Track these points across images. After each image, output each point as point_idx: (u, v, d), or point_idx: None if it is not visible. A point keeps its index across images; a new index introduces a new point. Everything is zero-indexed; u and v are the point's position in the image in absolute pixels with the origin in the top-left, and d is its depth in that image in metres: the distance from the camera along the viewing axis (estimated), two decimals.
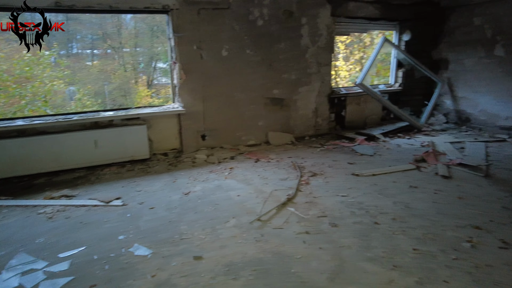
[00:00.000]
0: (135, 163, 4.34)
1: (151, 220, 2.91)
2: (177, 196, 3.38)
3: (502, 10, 5.31)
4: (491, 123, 5.67)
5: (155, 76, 11.09)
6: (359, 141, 5.12)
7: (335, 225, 2.73)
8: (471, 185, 3.56)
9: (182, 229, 2.74)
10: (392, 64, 6.45)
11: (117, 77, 9.09)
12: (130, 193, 3.48)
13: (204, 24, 4.47)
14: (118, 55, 9.94)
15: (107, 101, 8.19)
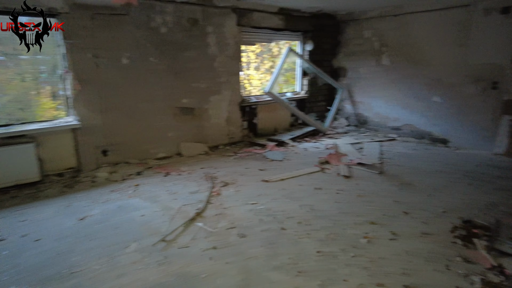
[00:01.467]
0: (21, 187, 3.72)
1: (36, 254, 2.48)
2: (70, 222, 2.97)
3: (385, 25, 6.02)
4: (384, 124, 6.37)
5: (60, 86, 9.95)
6: (270, 147, 5.25)
7: (244, 236, 2.68)
8: (368, 182, 3.88)
9: (73, 261, 2.39)
10: (297, 73, 6.80)
11: (13, 88, 7.87)
12: (11, 224, 2.95)
13: (100, 31, 4.09)
14: (13, 63, 8.67)
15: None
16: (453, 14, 5.11)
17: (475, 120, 5.11)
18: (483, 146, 5.03)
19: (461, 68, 5.13)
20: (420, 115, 5.80)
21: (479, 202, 3.30)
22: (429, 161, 4.66)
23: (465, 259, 2.34)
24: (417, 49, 5.64)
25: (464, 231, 2.70)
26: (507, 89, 4.72)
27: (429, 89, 5.59)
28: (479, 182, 3.86)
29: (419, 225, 2.87)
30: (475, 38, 4.93)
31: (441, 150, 5.27)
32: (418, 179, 3.95)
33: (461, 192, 3.56)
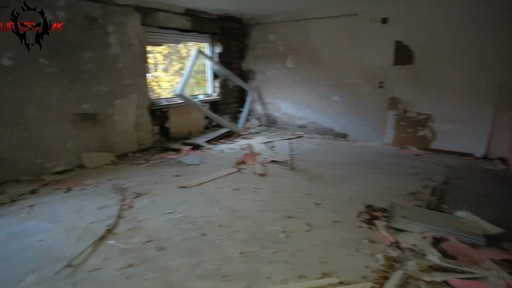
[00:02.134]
0: None
1: None
2: None
3: (288, 30, 6.40)
4: (291, 123, 6.77)
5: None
6: (185, 152, 5.10)
7: (162, 248, 2.54)
8: (282, 178, 4.06)
9: None
10: (208, 75, 6.76)
11: None
12: None
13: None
14: None
15: None
16: (346, 22, 5.70)
17: (368, 115, 5.80)
18: (376, 138, 5.74)
19: (356, 70, 5.77)
20: (322, 113, 6.33)
21: (376, 187, 3.75)
22: (333, 155, 5.12)
23: (370, 240, 2.63)
24: (317, 53, 6.14)
25: (367, 215, 3.04)
26: (390, 88, 5.47)
27: (329, 89, 6.14)
28: (375, 169, 4.38)
29: (330, 214, 3.11)
30: (364, 43, 5.59)
31: (342, 143, 5.85)
32: (324, 172, 4.30)
33: (361, 180, 4.00)
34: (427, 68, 5.09)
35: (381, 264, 2.31)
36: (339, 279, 2.14)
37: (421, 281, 2.12)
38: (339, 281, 2.13)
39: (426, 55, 5.05)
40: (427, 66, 5.08)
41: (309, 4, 5.56)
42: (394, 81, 5.41)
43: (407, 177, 4.09)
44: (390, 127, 5.57)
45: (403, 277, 2.16)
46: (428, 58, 5.05)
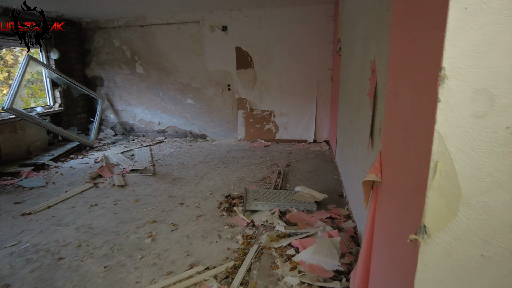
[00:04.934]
0: None
1: None
2: None
3: (133, 35, 6.26)
4: (150, 129, 6.68)
5: None
6: (25, 174, 4.41)
7: (7, 286, 2.23)
8: (142, 186, 4.04)
9: None
10: (46, 84, 5.97)
11: None
12: None
13: None
14: None
15: None
16: (189, 28, 5.98)
17: (221, 116, 6.27)
18: (231, 136, 6.28)
19: (202, 74, 6.14)
20: (179, 116, 6.49)
21: (232, 179, 4.17)
22: (193, 155, 5.36)
23: (230, 225, 2.95)
24: (165, 58, 6.24)
25: (227, 204, 3.37)
26: (237, 90, 6.07)
27: (181, 93, 6.34)
28: (230, 164, 4.83)
29: (193, 211, 3.31)
30: (208, 49, 6.00)
31: (201, 144, 6.15)
32: (185, 173, 4.48)
33: (219, 175, 4.35)
34: (263, 71, 5.88)
35: (241, 244, 2.65)
36: (205, 266, 2.36)
37: (272, 249, 2.55)
38: (205, 267, 2.35)
39: (261, 59, 5.84)
40: (263, 69, 5.87)
41: (150, 10, 5.59)
42: (239, 84, 6.03)
43: (257, 166, 4.67)
44: (241, 125, 6.19)
45: (258, 249, 2.54)
46: (263, 62, 5.84)
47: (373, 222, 1.58)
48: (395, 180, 1.25)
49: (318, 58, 5.59)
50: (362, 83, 2.55)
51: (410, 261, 0.97)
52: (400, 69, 1.25)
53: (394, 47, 1.36)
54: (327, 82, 5.66)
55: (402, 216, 1.11)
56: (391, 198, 1.30)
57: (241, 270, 2.29)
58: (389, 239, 1.29)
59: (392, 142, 1.32)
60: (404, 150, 1.13)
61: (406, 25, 1.18)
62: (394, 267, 1.19)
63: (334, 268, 2.27)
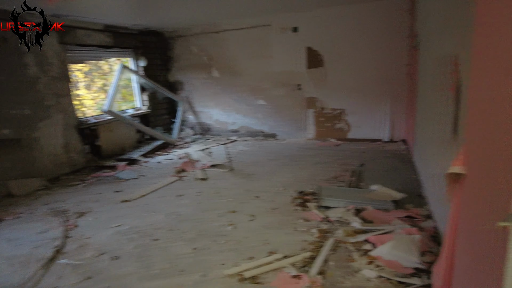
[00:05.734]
0: None
1: None
2: None
3: (208, 41, 6.72)
4: (225, 129, 7.10)
5: None
6: (121, 168, 5.06)
7: (116, 258, 2.63)
8: (221, 180, 4.35)
9: None
10: (135, 89, 6.74)
11: None
12: None
13: None
14: None
15: None
16: (258, 32, 6.23)
17: (290, 115, 6.40)
18: (300, 135, 6.37)
19: (272, 75, 6.33)
20: (251, 117, 6.78)
21: (304, 176, 4.25)
22: (265, 153, 5.57)
23: (305, 219, 3.05)
24: (237, 61, 6.58)
25: (300, 200, 3.48)
26: (307, 89, 6.13)
27: (253, 94, 6.61)
28: (301, 161, 4.92)
29: (268, 204, 3.49)
30: (277, 50, 6.18)
31: (272, 143, 6.34)
32: (258, 169, 4.69)
33: (290, 172, 4.47)
34: (334, 69, 5.84)
35: (316, 237, 2.74)
36: (283, 254, 2.50)
37: (348, 243, 2.59)
38: (283, 255, 2.49)
39: (332, 58, 5.81)
40: (333, 67, 5.84)
41: (223, 16, 5.96)
42: (309, 83, 6.08)
43: (328, 164, 4.69)
44: (310, 123, 6.23)
45: (334, 243, 2.60)
46: (334, 60, 5.81)
47: (457, 215, 1.55)
48: (481, 171, 1.23)
49: (392, 54, 5.39)
50: (443, 77, 2.45)
51: (499, 250, 0.97)
52: (485, 61, 1.23)
53: (479, 38, 1.34)
54: (402, 79, 5.41)
55: (489, 206, 1.11)
56: (476, 189, 1.28)
57: (318, 260, 2.38)
58: (475, 229, 1.27)
59: (477, 134, 1.30)
60: (490, 141, 1.12)
61: (492, 15, 1.16)
62: (481, 258, 1.17)
63: (413, 265, 2.22)
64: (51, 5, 2.91)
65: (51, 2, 2.19)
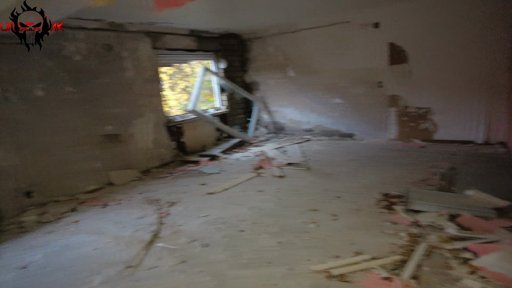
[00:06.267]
0: None
1: None
2: (10, 275, 2.67)
3: (285, 41, 6.79)
4: (298, 128, 7.11)
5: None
6: (203, 163, 5.40)
7: (207, 245, 2.82)
8: (298, 178, 4.37)
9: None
10: (215, 90, 7.12)
11: None
12: None
13: (4, 62, 3.76)
14: None
15: None
16: (337, 29, 6.09)
17: (370, 114, 6.14)
18: (380, 135, 6.07)
19: (350, 73, 6.15)
20: (327, 116, 6.67)
21: (388, 178, 4.06)
22: (342, 153, 5.44)
23: (392, 222, 2.92)
24: (313, 60, 6.53)
25: (386, 202, 3.33)
26: (389, 87, 5.83)
27: (330, 93, 6.50)
28: (383, 163, 4.69)
29: (350, 204, 3.41)
30: (356, 47, 5.98)
31: (349, 143, 6.17)
32: (336, 169, 4.60)
33: (371, 173, 4.30)
34: (420, 66, 5.45)
35: (406, 241, 2.60)
36: (371, 256, 2.43)
37: (443, 250, 2.41)
38: (372, 257, 2.42)
39: (418, 53, 5.43)
40: (419, 63, 5.44)
41: (300, 16, 5.96)
42: (391, 80, 5.77)
43: (413, 166, 4.40)
44: (392, 123, 5.91)
45: (427, 248, 2.45)
46: (420, 56, 5.42)
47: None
48: None
49: (489, 46, 4.83)
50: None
51: None
52: None
53: None
54: (502, 74, 4.83)
55: None
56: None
57: (411, 265, 2.26)
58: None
59: None
60: None
61: None
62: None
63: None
64: (160, 14, 3.15)
65: (159, 10, 2.43)
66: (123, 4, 2.45)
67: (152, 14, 4.64)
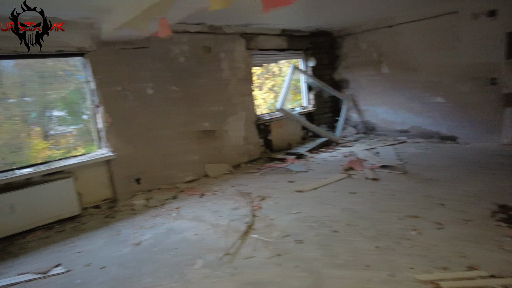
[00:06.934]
0: (64, 222, 3.81)
1: (106, 281, 2.57)
2: (127, 249, 3.07)
3: (380, 37, 6.42)
4: (391, 128, 6.66)
5: (51, 126, 10.13)
6: (290, 161, 5.44)
7: (301, 242, 2.83)
8: (395, 182, 4.09)
9: (146, 282, 2.49)
10: (303, 88, 7.11)
11: (4, 132, 7.99)
12: (69, 256, 3.03)
13: (124, 64, 4.32)
14: (2, 108, 8.84)
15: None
16: (441, 21, 5.52)
17: (478, 115, 5.42)
18: (491, 139, 5.32)
19: (456, 69, 5.51)
20: (425, 116, 6.11)
21: (503, 188, 3.53)
22: (443, 158, 4.92)
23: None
24: (411, 55, 6.03)
25: (504, 215, 2.91)
26: (505, 84, 5.07)
27: (430, 91, 5.93)
28: (496, 170, 4.11)
29: (457, 214, 3.06)
30: (464, 40, 5.33)
31: (451, 146, 5.56)
32: (438, 174, 4.18)
33: (481, 181, 3.80)
34: None
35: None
36: (489, 273, 2.15)
37: None
38: (490, 274, 2.13)
39: None
40: None
41: (398, 9, 5.54)
42: (509, 76, 5.01)
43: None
44: (508, 126, 5.13)
45: None
46: None
47: None
48: None
49: None
50: None
51: None
52: None
53: None
54: None
55: None
56: None
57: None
58: None
59: None
60: None
61: None
62: None
63: None
64: (266, 13, 3.26)
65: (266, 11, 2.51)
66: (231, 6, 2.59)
67: (248, 16, 4.85)
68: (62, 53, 3.88)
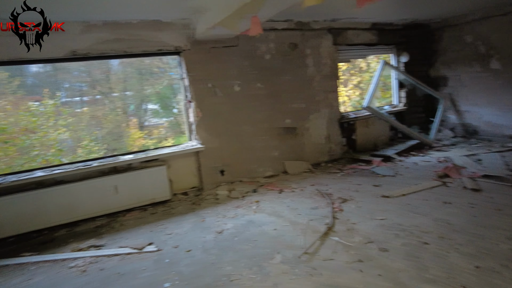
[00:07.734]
0: (156, 205, 4.23)
1: (191, 264, 2.78)
2: (210, 236, 3.27)
3: (490, 27, 5.60)
4: (499, 133, 5.79)
5: (146, 118, 11.38)
6: (376, 163, 5.13)
7: (385, 250, 2.65)
8: (502, 195, 3.55)
9: (227, 270, 2.61)
10: (393, 85, 6.63)
11: (109, 121, 9.25)
12: (160, 237, 3.35)
13: (215, 62, 4.57)
14: (108, 100, 10.25)
15: (102, 147, 8.15)
16: None
17: None
18: None
19: None
20: None
21: None
22: None
23: None
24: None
25: None
26: None
27: None
28: None
29: None
30: None
31: None
32: None
33: None
34: None
35: None
36: None
37: None
38: None
39: None
40: None
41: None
42: None
43: None
44: None
45: None
46: None
47: None
48: None
49: None
50: None
51: None
52: None
53: None
54: None
55: None
56: None
57: None
58: None
59: None
60: None
61: None
62: None
63: None
64: (360, 8, 3.11)
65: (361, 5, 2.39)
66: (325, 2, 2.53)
67: (337, 10, 4.69)
68: (161, 52, 4.27)
